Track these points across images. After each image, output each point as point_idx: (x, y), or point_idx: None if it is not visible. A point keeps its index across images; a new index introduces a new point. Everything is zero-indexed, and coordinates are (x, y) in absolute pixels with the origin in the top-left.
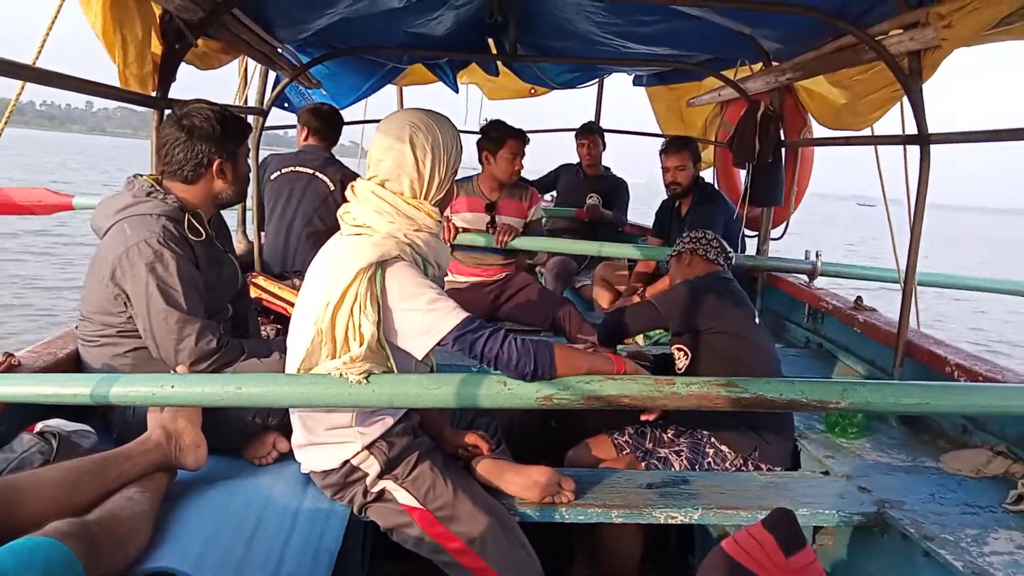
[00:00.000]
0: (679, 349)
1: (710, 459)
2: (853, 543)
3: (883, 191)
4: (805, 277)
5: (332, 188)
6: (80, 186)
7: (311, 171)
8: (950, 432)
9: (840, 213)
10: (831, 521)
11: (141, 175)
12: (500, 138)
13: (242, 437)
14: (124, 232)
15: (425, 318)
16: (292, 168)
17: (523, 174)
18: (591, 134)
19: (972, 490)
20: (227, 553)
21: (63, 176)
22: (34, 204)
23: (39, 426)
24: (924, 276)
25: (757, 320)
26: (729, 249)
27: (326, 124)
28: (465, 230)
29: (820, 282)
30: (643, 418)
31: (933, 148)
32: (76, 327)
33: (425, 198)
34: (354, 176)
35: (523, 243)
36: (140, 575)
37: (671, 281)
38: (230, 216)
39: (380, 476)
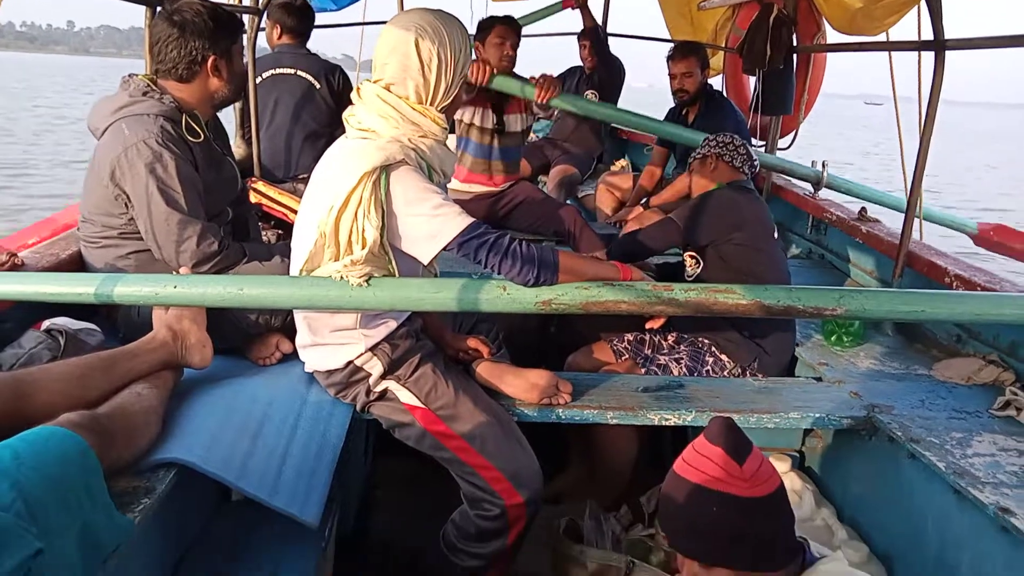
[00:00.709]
0: (691, 256)
1: (709, 367)
2: (841, 446)
3: (895, 98)
4: (809, 188)
5: (317, 86)
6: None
7: (292, 71)
8: (944, 341)
9: (846, 113)
10: (821, 424)
11: (136, 75)
12: (488, 25)
13: (246, 338)
14: (122, 132)
15: (431, 223)
16: (272, 71)
17: None
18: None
19: (961, 396)
20: (233, 447)
21: (48, 101)
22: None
23: (46, 324)
24: (929, 212)
25: (775, 234)
26: (755, 157)
27: (300, 21)
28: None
29: (824, 195)
30: (648, 326)
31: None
32: (78, 228)
33: (431, 104)
34: (334, 69)
35: (563, 102)
36: (150, 466)
37: (691, 186)
38: (227, 121)
39: (383, 376)
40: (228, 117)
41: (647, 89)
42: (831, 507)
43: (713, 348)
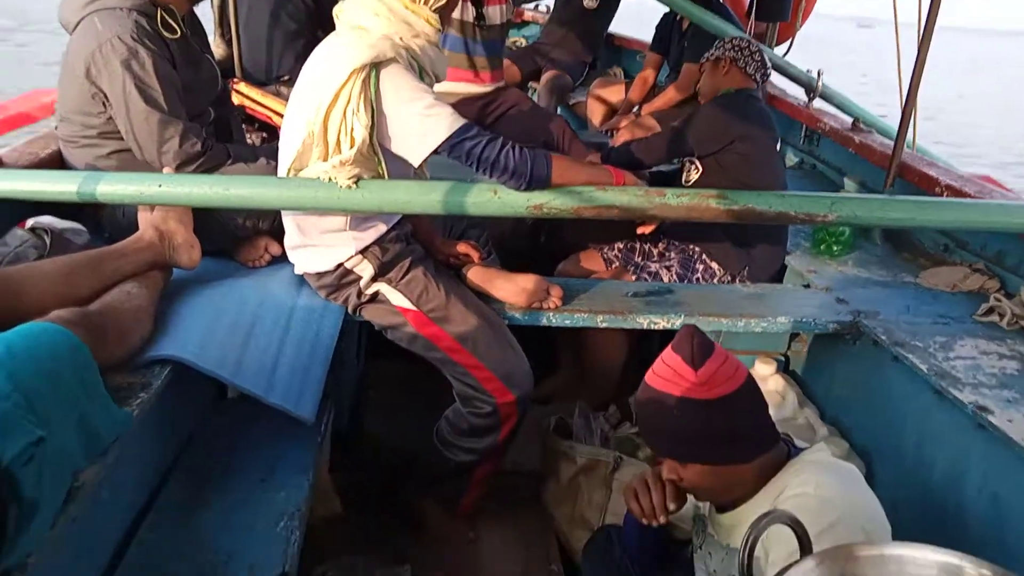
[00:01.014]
0: (691, 163)
1: (699, 275)
2: (825, 350)
3: (895, 12)
4: (804, 98)
5: None
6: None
7: None
8: (931, 251)
9: (837, 36)
10: (808, 329)
11: None
12: None
13: (234, 241)
14: (95, 27)
15: (423, 123)
16: None
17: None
18: None
19: (946, 303)
20: (227, 345)
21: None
22: (33, 109)
23: (30, 222)
24: (921, 150)
25: (778, 146)
26: (768, 65)
27: None
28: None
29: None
30: (639, 231)
31: None
32: (56, 128)
33: (425, 3)
34: None
35: None
36: (145, 363)
37: (700, 86)
38: (205, 20)
39: (374, 279)
40: (205, 13)
41: None
42: (814, 408)
43: (704, 256)
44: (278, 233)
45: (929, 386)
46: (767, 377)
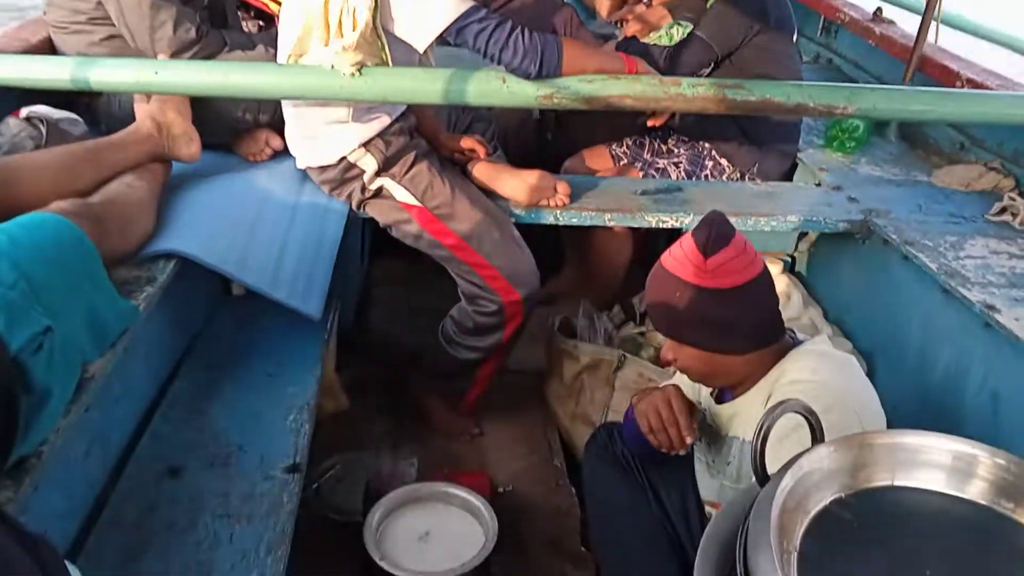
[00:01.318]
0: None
1: (708, 171)
2: (833, 250)
3: None
4: None
5: None
6: None
7: None
8: (946, 149)
9: None
10: (818, 227)
11: None
12: None
13: (233, 134)
14: None
15: (429, 4)
16: None
17: None
18: None
19: (959, 202)
20: (231, 241)
21: None
22: None
23: (24, 111)
24: (950, 16)
25: (795, 38)
26: None
27: None
28: None
29: None
30: (650, 124)
31: None
32: (44, 13)
33: None
34: None
35: None
36: (149, 257)
37: None
38: None
39: (377, 173)
40: None
41: None
42: (818, 308)
43: (713, 152)
44: (279, 126)
45: (937, 285)
46: (774, 277)
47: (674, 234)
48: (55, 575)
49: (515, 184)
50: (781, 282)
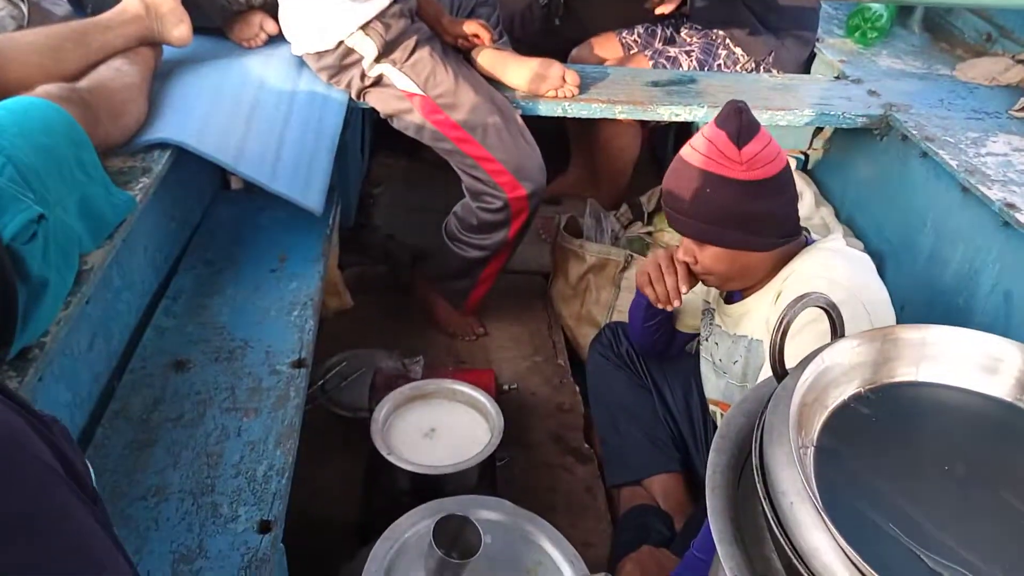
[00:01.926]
0: None
1: (721, 61)
2: (849, 146)
3: None
4: None
5: None
6: None
7: None
8: (972, 40)
9: None
10: (836, 123)
11: None
12: None
13: (225, 17)
14: None
15: None
16: None
17: None
18: None
19: (982, 97)
20: (227, 130)
21: None
22: None
23: None
24: None
25: None
26: None
27: None
28: None
29: None
30: (658, 11)
31: None
32: None
33: None
34: None
35: None
36: (143, 147)
37: None
38: None
39: (377, 59)
40: None
41: None
42: (830, 207)
43: (727, 40)
44: (273, 9)
45: (956, 183)
46: None
47: (683, 130)
48: (68, 455)
49: (521, 73)
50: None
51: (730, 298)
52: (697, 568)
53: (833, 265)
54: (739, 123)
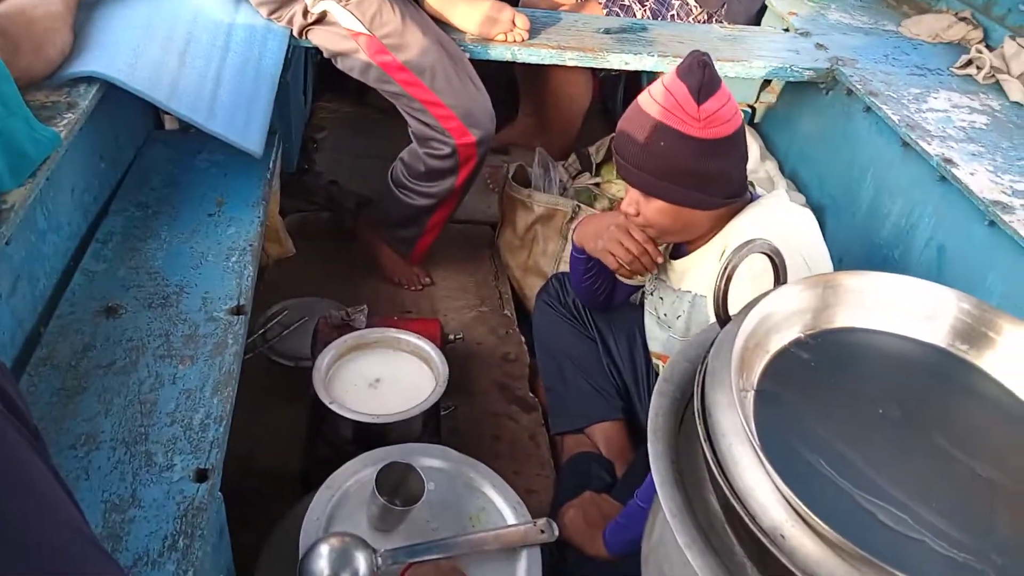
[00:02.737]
0: None
1: (675, 11)
2: (794, 100)
3: None
4: None
5: None
6: None
7: None
8: None
9: None
10: (783, 75)
11: None
12: None
13: None
14: None
15: None
16: None
17: None
18: None
19: (925, 53)
20: (159, 66)
21: None
22: None
23: None
24: None
25: None
26: None
27: None
28: None
29: None
30: None
31: None
32: None
33: None
34: None
35: None
36: (68, 80)
37: None
38: None
39: None
40: None
41: None
42: (775, 161)
43: None
44: None
45: (897, 138)
46: None
47: (632, 81)
48: (6, 388)
49: (471, 15)
50: None
51: (675, 253)
52: (639, 517)
53: (776, 222)
54: (701, 78)
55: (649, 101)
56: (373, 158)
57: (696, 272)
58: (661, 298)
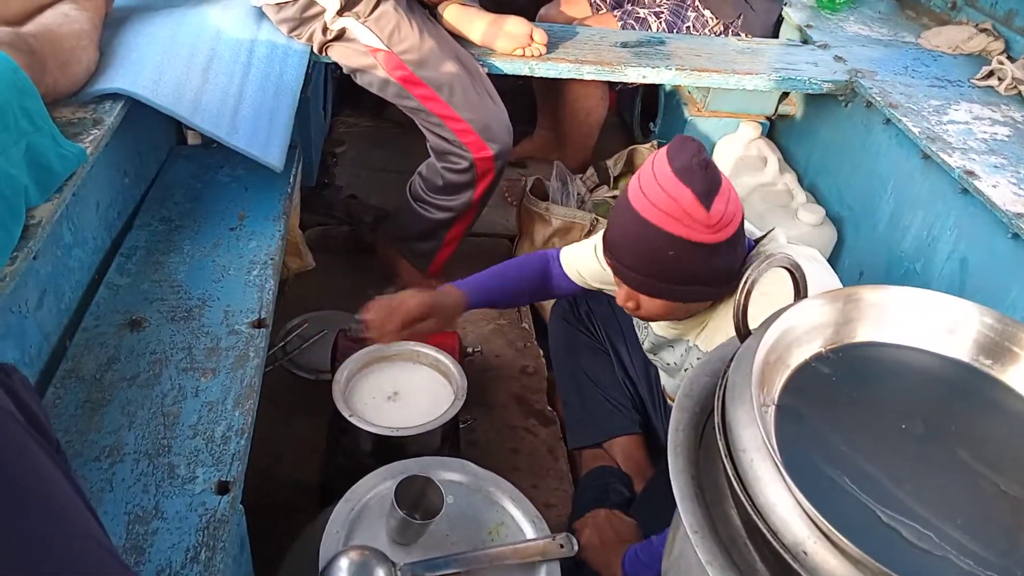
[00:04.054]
0: None
1: (691, 23)
2: (813, 112)
3: None
4: None
5: None
6: None
7: None
8: (937, 8)
9: None
10: (802, 88)
11: None
12: None
13: None
14: None
15: None
16: None
17: None
18: None
19: (946, 65)
20: (183, 81)
21: None
22: None
23: None
24: None
25: None
26: None
27: None
28: None
29: None
30: None
31: None
32: None
33: None
34: None
35: None
36: (94, 97)
37: None
38: None
39: (340, 12)
40: None
41: None
42: (793, 173)
43: (696, 2)
44: None
45: (918, 150)
46: (751, 141)
47: (649, 93)
48: (29, 403)
49: (489, 30)
50: (758, 147)
51: None
52: (659, 556)
53: (770, 279)
54: (704, 179)
55: (647, 206)
56: (391, 172)
57: (700, 329)
58: (667, 359)
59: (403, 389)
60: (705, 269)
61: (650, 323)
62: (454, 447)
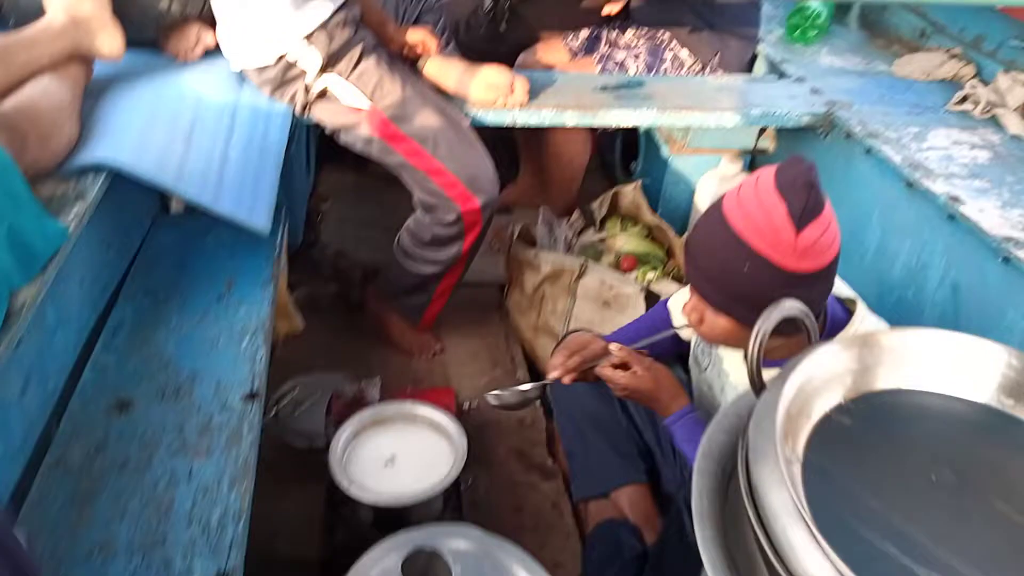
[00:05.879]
0: None
1: (668, 64)
2: (794, 145)
3: None
4: None
5: None
6: None
7: None
8: (907, 36)
9: None
10: (782, 122)
11: None
12: None
13: (159, 29)
14: None
15: None
16: None
17: None
18: None
19: (920, 92)
20: (166, 149)
21: None
22: None
23: None
24: None
25: None
26: None
27: None
28: None
29: None
30: (605, 12)
31: None
32: None
33: None
34: None
35: None
36: (76, 170)
37: None
38: None
39: (322, 71)
40: None
41: None
42: None
43: (674, 42)
44: (210, 20)
45: (901, 178)
46: (732, 177)
47: (629, 133)
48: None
49: (471, 82)
50: (740, 180)
51: None
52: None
53: None
54: (805, 200)
55: (737, 212)
56: (378, 227)
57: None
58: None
59: (401, 452)
60: (777, 298)
61: (715, 348)
62: (456, 510)
